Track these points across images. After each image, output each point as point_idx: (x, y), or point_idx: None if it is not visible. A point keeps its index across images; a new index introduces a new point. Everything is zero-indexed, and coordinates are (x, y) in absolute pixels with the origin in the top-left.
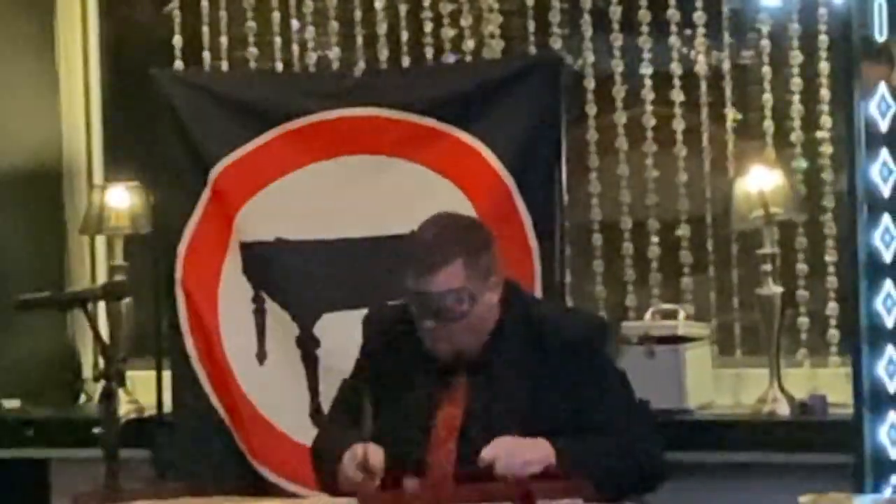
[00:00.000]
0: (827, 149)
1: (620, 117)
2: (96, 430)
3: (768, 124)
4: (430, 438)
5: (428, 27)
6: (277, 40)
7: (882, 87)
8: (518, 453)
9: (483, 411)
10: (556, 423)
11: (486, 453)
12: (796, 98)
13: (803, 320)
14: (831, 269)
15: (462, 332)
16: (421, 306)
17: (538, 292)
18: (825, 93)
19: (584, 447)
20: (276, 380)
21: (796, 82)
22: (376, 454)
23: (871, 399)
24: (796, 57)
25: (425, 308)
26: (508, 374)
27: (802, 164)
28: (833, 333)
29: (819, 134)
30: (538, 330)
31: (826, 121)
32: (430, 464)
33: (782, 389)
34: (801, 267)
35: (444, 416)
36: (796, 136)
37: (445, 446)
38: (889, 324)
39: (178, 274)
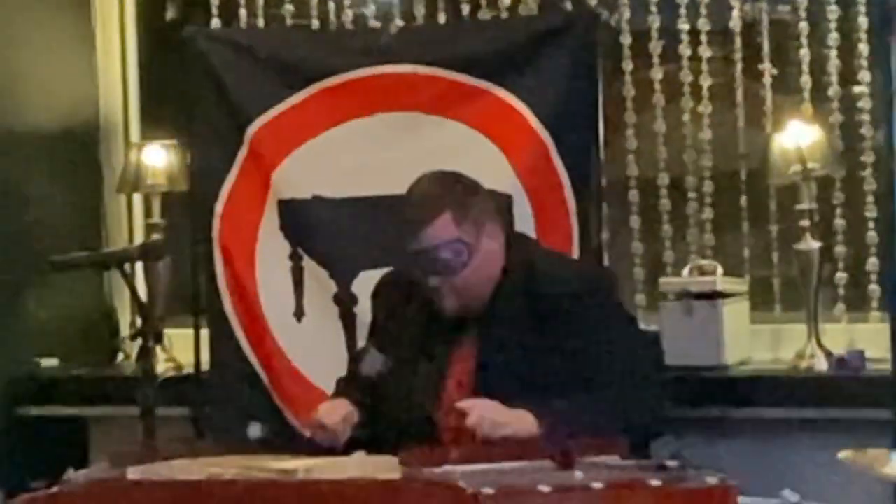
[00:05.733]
0: (865, 104)
1: (657, 73)
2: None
3: (805, 79)
4: (442, 397)
5: None
6: None
7: None
8: (494, 411)
9: (492, 367)
10: (556, 377)
11: (463, 403)
12: (833, 53)
13: (842, 276)
14: (871, 224)
15: (467, 285)
16: (421, 265)
17: (575, 248)
18: (863, 47)
19: (568, 410)
20: (314, 337)
21: (834, 37)
22: (332, 414)
23: None
24: (833, 12)
25: (426, 265)
26: (513, 328)
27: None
28: (873, 289)
29: (857, 89)
30: (538, 282)
31: (864, 76)
32: (440, 422)
33: (820, 345)
34: (840, 222)
35: (454, 373)
36: (834, 90)
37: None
38: None
39: (216, 232)
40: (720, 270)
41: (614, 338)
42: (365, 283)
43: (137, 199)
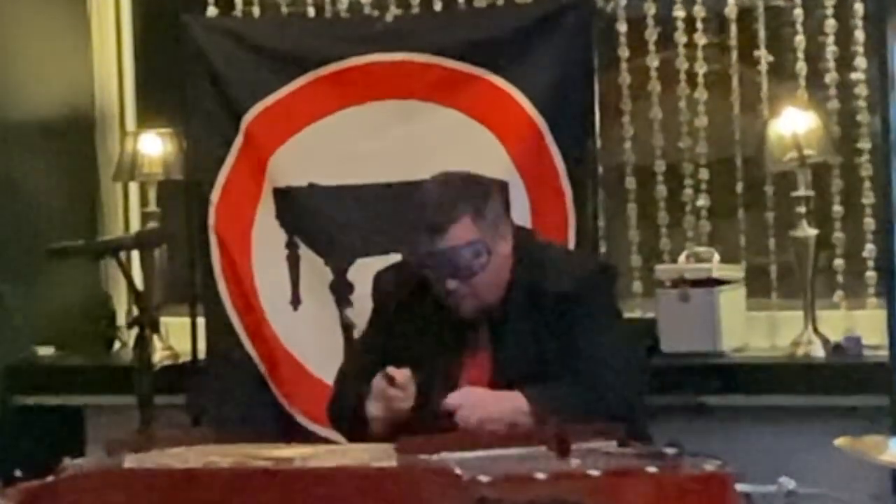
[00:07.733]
0: (862, 90)
1: (653, 60)
2: None
3: (801, 66)
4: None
5: None
6: None
7: None
8: (481, 406)
9: (507, 364)
10: (558, 371)
11: (451, 399)
12: (830, 39)
13: (839, 262)
14: (868, 210)
15: (484, 286)
16: (439, 267)
17: (572, 237)
18: (860, 34)
19: (554, 397)
20: (310, 325)
21: (831, 24)
22: (402, 372)
23: None
24: None
25: (444, 268)
26: (526, 328)
27: (836, 105)
28: (870, 275)
29: (854, 76)
30: (543, 280)
31: (861, 62)
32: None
33: (817, 331)
34: (837, 209)
35: (469, 372)
36: (831, 77)
37: None
38: None
39: (212, 220)
40: (716, 257)
41: (603, 331)
42: (361, 271)
43: (133, 187)
